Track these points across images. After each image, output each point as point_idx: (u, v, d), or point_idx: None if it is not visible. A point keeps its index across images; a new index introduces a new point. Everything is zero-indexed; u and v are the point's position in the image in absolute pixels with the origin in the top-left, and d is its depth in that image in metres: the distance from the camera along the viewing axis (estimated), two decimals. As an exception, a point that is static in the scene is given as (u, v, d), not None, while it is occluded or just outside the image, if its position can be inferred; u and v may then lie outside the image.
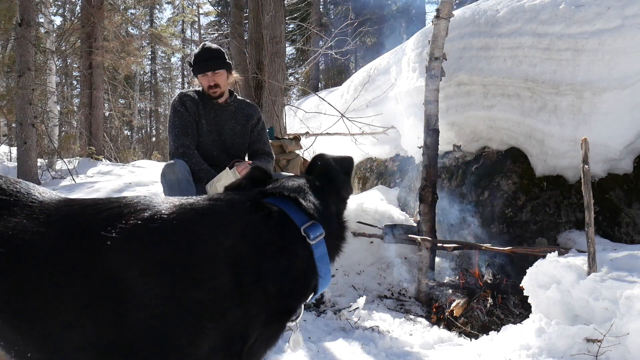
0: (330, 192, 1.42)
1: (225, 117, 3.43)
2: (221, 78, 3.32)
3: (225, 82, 3.36)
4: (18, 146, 7.07)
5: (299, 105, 8.81)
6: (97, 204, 1.09)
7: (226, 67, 3.36)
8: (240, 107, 3.50)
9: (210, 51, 3.35)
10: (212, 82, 3.30)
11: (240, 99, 3.58)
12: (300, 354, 2.34)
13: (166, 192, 3.05)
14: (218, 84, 3.32)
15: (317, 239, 1.18)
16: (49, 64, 11.09)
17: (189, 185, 3.06)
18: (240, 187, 1.31)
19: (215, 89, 3.33)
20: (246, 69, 6.18)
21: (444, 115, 4.06)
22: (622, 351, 1.95)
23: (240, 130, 3.46)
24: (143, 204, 1.06)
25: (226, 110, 3.43)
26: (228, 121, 3.43)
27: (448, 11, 3.63)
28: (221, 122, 3.40)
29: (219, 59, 3.32)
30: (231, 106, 3.46)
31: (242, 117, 3.47)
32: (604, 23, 3.21)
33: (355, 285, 3.65)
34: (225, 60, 3.36)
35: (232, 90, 3.53)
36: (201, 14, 23.20)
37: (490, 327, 2.87)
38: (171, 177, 3.02)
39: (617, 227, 3.25)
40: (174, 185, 3.01)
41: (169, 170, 3.04)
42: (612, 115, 3.24)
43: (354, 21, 8.49)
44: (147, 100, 23.38)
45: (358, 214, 4.06)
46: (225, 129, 3.40)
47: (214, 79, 3.30)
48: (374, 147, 5.91)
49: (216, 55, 3.33)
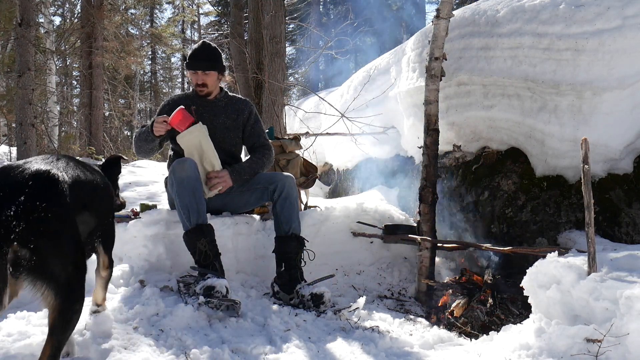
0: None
1: (216, 112, 3.47)
2: (210, 79, 3.40)
3: (214, 83, 3.43)
4: (18, 146, 7.07)
5: (299, 105, 8.81)
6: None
7: (218, 69, 3.42)
8: (231, 102, 3.54)
9: (206, 51, 3.40)
10: (201, 81, 3.39)
11: (231, 95, 3.61)
12: (300, 354, 2.34)
13: (175, 189, 3.04)
14: (206, 84, 3.40)
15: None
16: (49, 64, 11.09)
17: (198, 184, 3.07)
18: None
19: (202, 87, 3.41)
20: (246, 69, 6.18)
21: (444, 115, 4.06)
22: (622, 351, 1.95)
23: (231, 124, 3.48)
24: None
25: (216, 106, 3.48)
26: (218, 115, 3.46)
27: (448, 11, 3.63)
28: (211, 117, 3.44)
29: (213, 61, 3.39)
30: (221, 101, 3.51)
31: (233, 111, 3.50)
32: (604, 23, 3.21)
33: (355, 285, 3.65)
34: (218, 63, 3.41)
35: (222, 87, 3.58)
36: (201, 14, 23.19)
37: (490, 327, 2.87)
38: (181, 174, 3.02)
39: (617, 227, 3.25)
40: (183, 182, 3.02)
41: (179, 168, 3.05)
42: (612, 115, 3.24)
43: (354, 21, 8.49)
44: (147, 100, 23.36)
45: (358, 214, 4.06)
46: (215, 123, 3.43)
47: (203, 79, 3.38)
48: (374, 147, 5.91)
49: (210, 57, 3.39)
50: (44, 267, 1.51)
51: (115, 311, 2.48)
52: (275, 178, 3.32)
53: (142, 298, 2.69)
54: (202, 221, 3.02)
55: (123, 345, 2.21)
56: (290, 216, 3.21)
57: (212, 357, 2.20)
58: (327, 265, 3.65)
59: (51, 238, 1.55)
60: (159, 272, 3.22)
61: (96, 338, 2.20)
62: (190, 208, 3.00)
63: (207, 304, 2.66)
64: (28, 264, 1.48)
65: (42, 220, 1.51)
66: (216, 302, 2.67)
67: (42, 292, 1.55)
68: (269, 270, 3.35)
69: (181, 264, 3.26)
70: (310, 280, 3.16)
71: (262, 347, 2.35)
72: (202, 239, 2.96)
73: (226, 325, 2.59)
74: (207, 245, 2.96)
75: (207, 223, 3.05)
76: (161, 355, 2.18)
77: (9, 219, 1.45)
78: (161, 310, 2.58)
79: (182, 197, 3.01)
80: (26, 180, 1.55)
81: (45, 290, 1.55)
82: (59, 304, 1.57)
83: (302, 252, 3.22)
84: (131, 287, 2.87)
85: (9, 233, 1.44)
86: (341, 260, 3.83)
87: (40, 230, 1.50)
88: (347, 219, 4.00)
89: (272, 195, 3.27)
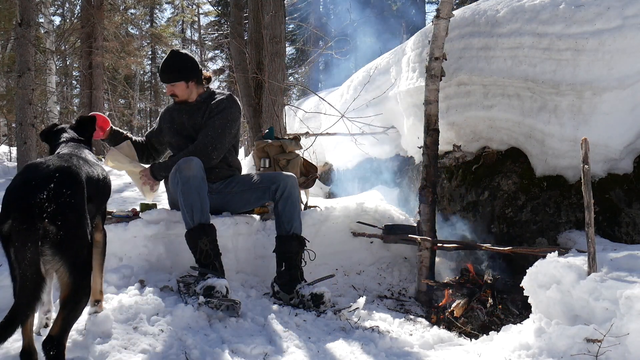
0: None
1: (192, 113, 3.53)
2: (178, 89, 3.49)
3: (184, 91, 3.50)
4: (18, 146, 7.07)
5: (299, 105, 8.81)
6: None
7: (185, 78, 3.45)
8: (207, 101, 3.54)
9: (170, 63, 3.45)
10: (170, 92, 3.54)
11: (214, 92, 3.60)
12: (300, 354, 2.34)
13: (179, 187, 3.04)
14: (175, 94, 3.51)
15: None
16: (49, 64, 11.09)
17: (203, 183, 3.07)
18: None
19: (174, 97, 3.54)
20: (246, 69, 6.18)
21: (444, 115, 4.06)
22: (622, 351, 1.95)
23: (200, 122, 3.49)
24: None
25: (195, 108, 3.54)
26: (195, 117, 3.51)
27: (448, 11, 3.63)
28: (187, 119, 3.52)
29: (176, 72, 3.45)
30: (201, 103, 3.54)
31: (206, 109, 3.51)
32: (604, 23, 3.21)
33: (355, 285, 3.65)
34: (186, 72, 3.44)
35: (209, 88, 3.62)
36: (201, 14, 23.16)
37: (490, 327, 2.87)
38: (187, 172, 3.03)
39: (617, 227, 3.25)
40: (189, 180, 3.02)
41: (185, 166, 3.05)
42: (612, 115, 3.24)
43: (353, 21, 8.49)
44: (147, 100, 23.37)
45: (358, 214, 4.06)
46: (186, 125, 3.51)
47: (172, 89, 3.51)
48: (374, 147, 5.91)
49: (175, 68, 3.45)
50: (67, 240, 1.83)
51: (115, 311, 2.48)
52: (277, 178, 3.31)
53: (142, 298, 2.68)
54: (205, 220, 3.02)
55: (123, 345, 2.21)
56: (291, 216, 3.21)
57: (212, 357, 2.20)
58: (327, 265, 3.65)
59: (74, 217, 1.90)
60: (159, 272, 3.22)
61: (96, 338, 2.21)
62: (194, 206, 3.00)
63: (207, 304, 2.67)
64: (54, 237, 1.80)
65: (68, 204, 1.86)
66: (216, 302, 2.67)
67: (59, 268, 1.84)
68: (269, 270, 3.35)
69: (181, 264, 3.26)
70: (311, 280, 3.16)
71: (262, 347, 2.35)
72: (204, 237, 2.97)
73: (226, 325, 2.59)
74: (208, 245, 2.96)
75: (209, 222, 3.05)
76: (161, 355, 2.18)
77: (43, 201, 1.79)
78: (161, 310, 2.58)
79: (186, 195, 3.01)
80: (53, 173, 1.90)
81: (61, 267, 1.84)
82: (72, 282, 1.86)
83: (303, 252, 3.23)
84: (131, 287, 2.86)
85: (42, 212, 1.78)
86: (341, 260, 3.83)
87: (66, 211, 1.85)
88: (347, 219, 4.00)
89: (274, 195, 3.27)
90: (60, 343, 1.83)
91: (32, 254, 1.74)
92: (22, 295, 1.75)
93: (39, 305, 1.82)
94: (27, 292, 1.74)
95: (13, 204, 1.82)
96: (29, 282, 1.74)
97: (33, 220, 1.77)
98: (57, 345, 1.82)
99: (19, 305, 1.74)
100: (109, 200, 2.65)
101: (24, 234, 1.76)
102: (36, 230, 1.77)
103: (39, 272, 1.76)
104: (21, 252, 1.75)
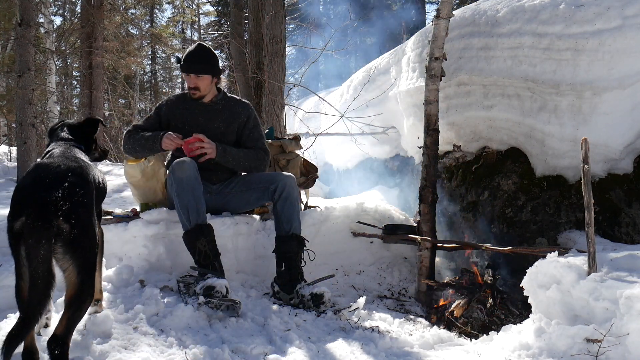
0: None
1: (211, 116, 3.43)
2: (203, 83, 3.36)
3: (207, 87, 3.39)
4: (18, 146, 7.06)
5: (299, 105, 8.81)
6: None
7: (212, 72, 3.37)
8: (228, 105, 3.49)
9: (201, 54, 3.35)
10: (193, 84, 3.37)
11: (229, 97, 3.56)
12: (300, 354, 2.34)
13: (174, 188, 3.03)
14: (198, 87, 3.37)
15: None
16: (49, 64, 11.08)
17: (197, 184, 3.06)
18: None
19: (194, 91, 3.39)
20: (246, 69, 6.17)
21: (444, 115, 4.06)
22: (622, 351, 1.95)
23: (225, 128, 3.44)
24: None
25: (212, 110, 3.44)
26: (213, 120, 3.43)
27: (448, 11, 3.63)
28: (205, 122, 3.40)
29: (207, 64, 3.34)
30: (218, 105, 3.46)
31: (229, 115, 3.45)
32: (604, 23, 3.21)
33: (355, 285, 3.65)
34: (213, 66, 3.36)
35: (220, 89, 3.52)
36: (201, 14, 23.17)
37: (490, 327, 2.87)
38: (181, 174, 3.01)
39: (617, 227, 3.25)
40: (182, 181, 3.01)
41: (178, 168, 3.04)
42: (612, 115, 3.24)
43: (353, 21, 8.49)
44: (147, 100, 23.34)
45: (358, 214, 4.06)
46: (209, 127, 3.38)
47: (196, 82, 3.35)
48: (374, 147, 5.91)
49: (205, 59, 3.35)
50: (78, 239, 1.86)
51: (115, 311, 2.48)
52: (276, 178, 3.31)
53: (142, 298, 2.68)
54: (202, 221, 3.02)
55: (123, 345, 2.21)
56: (291, 216, 3.21)
57: (212, 357, 2.20)
58: (327, 265, 3.65)
59: (86, 216, 1.94)
60: (159, 272, 3.22)
61: (96, 338, 2.20)
62: (189, 208, 2.99)
63: (207, 304, 2.66)
64: (67, 236, 1.82)
65: (81, 203, 1.91)
66: (216, 302, 2.67)
67: (68, 267, 1.85)
68: (269, 270, 3.35)
69: (181, 264, 3.26)
70: (310, 280, 3.16)
71: (262, 347, 2.35)
72: (202, 238, 2.96)
73: (226, 325, 2.59)
74: (206, 245, 2.96)
75: (206, 223, 3.04)
76: (161, 355, 2.18)
77: (58, 199, 1.82)
78: (161, 310, 2.58)
79: (181, 196, 3.01)
80: (65, 172, 1.95)
81: (70, 266, 1.85)
82: (79, 282, 1.87)
83: (303, 252, 3.22)
84: (131, 287, 2.86)
85: (57, 210, 1.80)
86: (341, 260, 3.82)
87: (80, 210, 1.89)
88: (347, 219, 4.00)
89: (273, 195, 3.26)
90: (65, 342, 1.84)
91: (45, 251, 1.74)
92: (33, 293, 1.74)
93: (50, 303, 1.83)
94: (38, 290, 1.73)
95: (26, 201, 1.82)
96: (41, 280, 1.73)
97: (48, 217, 1.78)
98: (62, 344, 1.82)
99: (31, 303, 1.74)
100: (109, 200, 2.65)
101: (38, 231, 1.75)
102: (51, 228, 1.77)
103: (50, 271, 1.76)
104: (34, 249, 1.74)
